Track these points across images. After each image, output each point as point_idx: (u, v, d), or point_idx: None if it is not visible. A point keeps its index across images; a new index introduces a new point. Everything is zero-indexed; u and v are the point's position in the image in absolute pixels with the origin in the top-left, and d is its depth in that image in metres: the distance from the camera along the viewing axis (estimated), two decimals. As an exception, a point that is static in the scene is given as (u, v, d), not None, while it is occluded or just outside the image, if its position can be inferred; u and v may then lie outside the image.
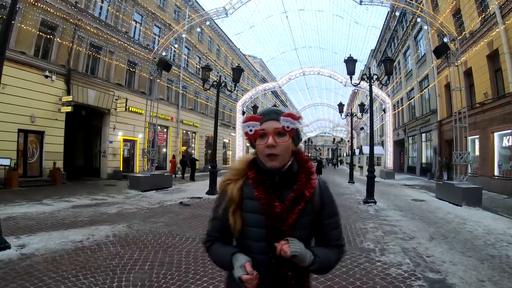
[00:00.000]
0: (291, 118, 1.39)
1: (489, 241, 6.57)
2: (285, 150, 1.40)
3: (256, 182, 1.41)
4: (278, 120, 1.39)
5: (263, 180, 1.41)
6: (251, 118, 1.41)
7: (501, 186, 14.83)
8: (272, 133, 1.37)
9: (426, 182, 21.63)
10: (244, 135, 1.48)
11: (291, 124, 1.38)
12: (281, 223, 1.35)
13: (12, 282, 4.07)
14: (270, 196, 1.38)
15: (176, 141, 28.51)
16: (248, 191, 1.42)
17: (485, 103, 16.30)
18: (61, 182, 16.21)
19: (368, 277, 4.49)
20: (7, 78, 12.80)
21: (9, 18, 6.15)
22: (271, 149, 1.37)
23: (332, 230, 1.50)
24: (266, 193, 1.38)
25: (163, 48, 17.53)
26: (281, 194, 1.40)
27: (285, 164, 1.42)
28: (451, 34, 13.85)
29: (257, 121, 1.40)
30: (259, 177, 1.42)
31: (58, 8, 16.56)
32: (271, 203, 1.36)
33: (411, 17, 26.36)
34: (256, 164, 1.46)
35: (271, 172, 1.41)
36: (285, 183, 1.42)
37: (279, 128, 1.38)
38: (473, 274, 4.64)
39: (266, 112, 1.44)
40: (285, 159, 1.42)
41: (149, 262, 4.93)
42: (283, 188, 1.41)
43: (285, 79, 29.42)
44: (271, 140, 1.36)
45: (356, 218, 9.03)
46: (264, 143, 1.38)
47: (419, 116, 28.83)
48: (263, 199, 1.37)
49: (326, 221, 1.48)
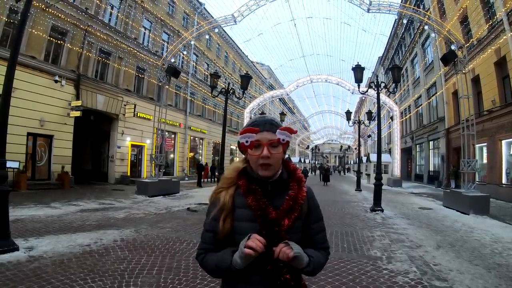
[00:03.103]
0: (288, 132, 1.42)
1: (496, 250, 6.51)
2: (278, 160, 1.43)
3: (248, 191, 1.43)
4: (273, 131, 1.42)
5: (254, 188, 1.43)
6: (248, 130, 1.42)
7: (509, 194, 14.67)
8: (267, 145, 1.40)
9: (434, 190, 21.45)
10: (239, 145, 1.48)
11: (286, 137, 1.42)
12: (278, 227, 1.37)
13: (20, 283, 4.12)
14: (264, 203, 1.39)
15: (184, 147, 28.60)
16: (240, 200, 1.44)
17: (493, 110, 16.20)
18: (69, 186, 16.36)
19: (375, 285, 4.47)
20: (18, 82, 12.92)
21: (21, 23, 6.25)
22: (265, 159, 1.39)
23: (318, 233, 1.54)
24: (259, 201, 1.39)
25: (172, 54, 17.69)
26: (273, 201, 1.42)
27: (276, 173, 1.46)
28: (459, 42, 13.82)
29: (253, 133, 1.41)
30: (250, 186, 1.43)
31: (69, 14, 16.84)
32: (265, 210, 1.38)
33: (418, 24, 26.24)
34: (246, 173, 1.48)
35: (262, 181, 1.44)
36: (276, 191, 1.45)
37: (274, 140, 1.41)
38: (480, 283, 4.60)
39: (261, 123, 1.45)
40: (277, 168, 1.45)
41: (157, 267, 4.96)
42: (274, 196, 1.44)
43: (292, 86, 29.46)
44: (266, 151, 1.38)
45: (363, 226, 8.99)
46: (258, 154, 1.40)
47: (426, 124, 28.66)
48: (257, 206, 1.39)
49: (312, 225, 1.52)
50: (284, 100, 54.72)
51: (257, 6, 16.65)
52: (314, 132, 76.10)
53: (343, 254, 6.03)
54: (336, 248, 6.45)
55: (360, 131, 27.29)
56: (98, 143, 23.23)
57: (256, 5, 16.61)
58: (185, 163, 28.80)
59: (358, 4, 15.81)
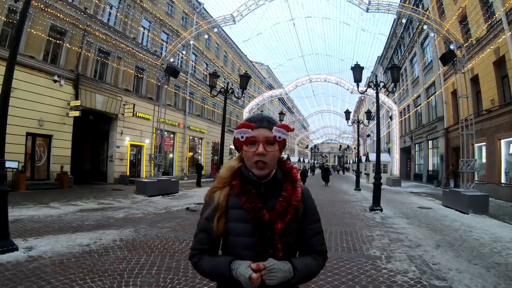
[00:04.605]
0: (284, 129, 1.41)
1: (495, 249, 6.52)
2: (273, 158, 1.41)
3: (242, 191, 1.42)
4: (269, 128, 1.41)
5: (248, 189, 1.41)
6: (244, 125, 1.41)
7: (508, 194, 14.71)
8: (263, 141, 1.38)
9: (433, 190, 21.48)
10: (234, 141, 1.47)
11: (283, 135, 1.40)
12: (271, 231, 1.35)
13: (19, 284, 4.11)
14: (257, 205, 1.38)
15: (183, 147, 28.61)
16: (234, 201, 1.43)
17: (492, 110, 16.23)
18: (68, 186, 16.35)
19: (374, 284, 4.48)
20: (16, 82, 12.84)
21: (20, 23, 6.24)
22: (261, 157, 1.37)
23: (315, 235, 1.50)
24: (253, 202, 1.38)
25: (171, 54, 17.68)
26: (267, 202, 1.40)
27: (271, 172, 1.44)
28: (458, 41, 13.83)
29: (249, 128, 1.40)
30: (244, 187, 1.42)
31: (68, 14, 16.81)
32: (259, 211, 1.36)
33: (417, 24, 26.37)
34: (241, 173, 1.47)
35: (256, 181, 1.42)
36: (271, 192, 1.43)
37: (270, 137, 1.39)
38: (479, 282, 4.61)
39: (258, 119, 1.44)
40: (272, 167, 1.43)
41: (156, 267, 4.96)
42: (268, 196, 1.42)
43: (292, 86, 29.46)
44: (261, 148, 1.37)
45: (362, 226, 9.00)
46: (253, 150, 1.39)
47: (425, 123, 28.71)
48: (250, 208, 1.37)
49: (309, 226, 1.49)
50: (283, 100, 54.77)
51: (256, 6, 16.66)
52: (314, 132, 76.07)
53: (342, 253, 6.03)
54: (336, 247, 6.46)
55: (359, 131, 27.28)
56: (97, 143, 23.22)
57: (255, 5, 16.61)
58: (184, 163, 28.78)
59: (357, 3, 15.82)
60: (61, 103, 16.83)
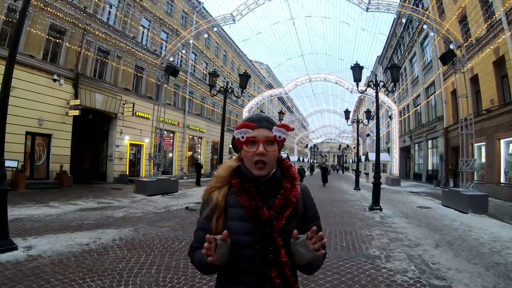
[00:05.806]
0: (284, 129, 1.41)
1: (494, 249, 6.53)
2: (273, 158, 1.41)
3: (241, 190, 1.41)
4: (269, 128, 1.41)
5: (247, 188, 1.41)
6: (244, 125, 1.41)
7: (507, 194, 14.72)
8: (263, 141, 1.38)
9: (432, 189, 21.50)
10: (233, 141, 1.47)
11: (283, 135, 1.40)
12: (270, 229, 1.35)
13: (19, 283, 4.11)
14: (256, 203, 1.37)
15: (183, 146, 28.58)
16: (233, 199, 1.42)
17: (492, 109, 16.24)
18: (67, 185, 16.33)
19: (373, 283, 4.48)
20: (16, 81, 12.73)
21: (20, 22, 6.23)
22: (261, 156, 1.37)
23: None
24: (252, 200, 1.38)
25: (171, 53, 17.68)
26: (267, 200, 1.40)
27: (270, 171, 1.43)
28: (457, 41, 13.83)
29: (249, 128, 1.40)
30: (243, 185, 1.42)
31: (67, 13, 16.77)
32: (258, 210, 1.36)
33: (417, 24, 26.38)
34: (240, 172, 1.46)
35: (255, 179, 1.42)
36: (270, 190, 1.43)
37: (271, 137, 1.39)
38: (478, 282, 4.62)
39: (257, 119, 1.44)
40: (272, 167, 1.43)
41: (155, 266, 4.96)
42: (268, 195, 1.42)
43: (291, 86, 29.47)
44: (261, 148, 1.37)
45: (362, 225, 9.01)
46: (253, 150, 1.39)
47: (425, 123, 28.74)
48: (250, 206, 1.37)
49: (309, 224, 1.45)
50: (282, 99, 54.70)
51: (256, 5, 16.65)
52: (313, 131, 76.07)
53: (341, 253, 6.04)
54: (335, 247, 6.46)
55: (358, 130, 27.27)
56: (96, 142, 23.18)
57: (255, 4, 16.60)
58: (184, 162, 28.77)
59: (357, 3, 15.81)
60: (60, 102, 16.80)
